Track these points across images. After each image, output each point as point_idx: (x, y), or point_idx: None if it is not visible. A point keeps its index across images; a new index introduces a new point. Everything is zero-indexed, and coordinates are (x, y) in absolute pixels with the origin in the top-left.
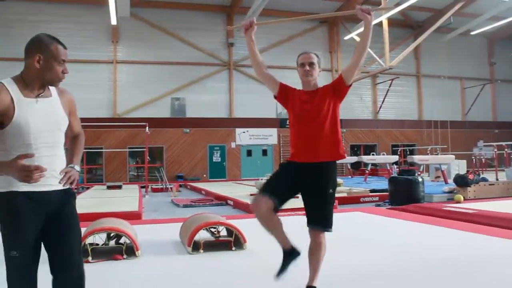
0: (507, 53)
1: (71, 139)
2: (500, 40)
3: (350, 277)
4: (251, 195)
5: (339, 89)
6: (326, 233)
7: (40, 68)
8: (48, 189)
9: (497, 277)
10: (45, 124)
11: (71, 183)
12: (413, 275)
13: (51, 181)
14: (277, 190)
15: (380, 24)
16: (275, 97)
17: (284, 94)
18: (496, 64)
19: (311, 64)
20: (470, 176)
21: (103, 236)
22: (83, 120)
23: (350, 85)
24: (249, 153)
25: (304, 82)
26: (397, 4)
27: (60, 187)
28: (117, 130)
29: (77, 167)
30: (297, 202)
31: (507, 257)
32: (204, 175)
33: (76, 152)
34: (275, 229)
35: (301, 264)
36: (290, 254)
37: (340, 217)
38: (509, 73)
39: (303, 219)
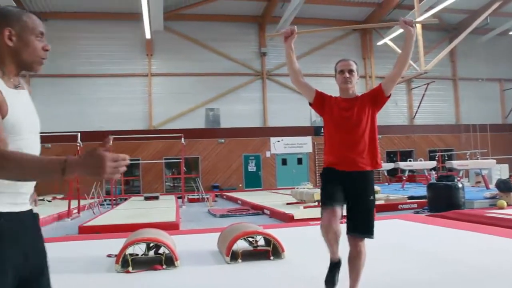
0: None
1: None
2: None
3: (391, 285)
4: (288, 204)
5: (378, 99)
6: (365, 241)
7: (14, 46)
8: (25, 208)
9: None
10: (32, 125)
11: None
12: (456, 283)
13: (27, 198)
14: (338, 198)
15: None
16: (311, 104)
17: (320, 101)
18: None
19: (351, 71)
20: None
21: (143, 246)
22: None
23: (390, 96)
24: (284, 161)
25: (342, 89)
26: (431, 8)
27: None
28: (153, 141)
29: None
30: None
31: None
32: (240, 185)
33: None
34: (335, 240)
35: (344, 272)
36: (335, 265)
37: (378, 225)
38: None
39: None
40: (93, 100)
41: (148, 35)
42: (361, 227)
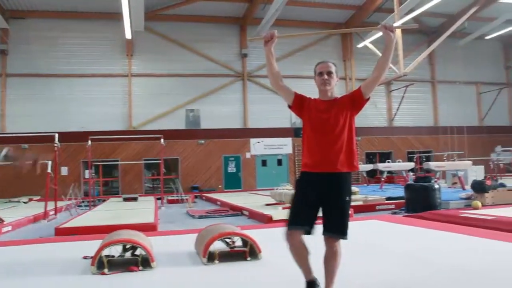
0: None
1: None
2: None
3: (367, 285)
4: (267, 205)
5: (357, 102)
6: (341, 241)
7: None
8: None
9: None
10: None
11: None
12: (431, 282)
13: None
14: (305, 218)
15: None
16: (290, 107)
17: (299, 103)
18: None
19: (329, 73)
20: (488, 182)
21: (119, 248)
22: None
23: (368, 99)
24: (264, 163)
25: (321, 91)
26: (411, 11)
27: None
28: (132, 142)
29: None
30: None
31: None
32: (220, 186)
33: None
34: (303, 260)
35: (319, 272)
36: (311, 285)
37: (356, 225)
38: None
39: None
40: (72, 100)
41: (128, 35)
42: (335, 228)
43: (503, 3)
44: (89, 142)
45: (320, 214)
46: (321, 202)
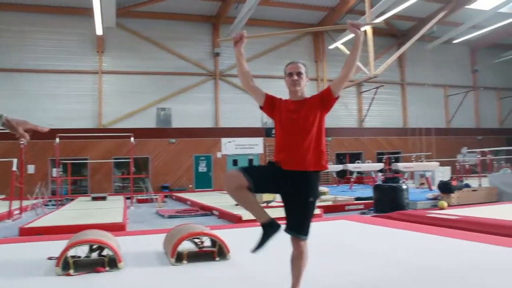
0: (489, 61)
1: None
2: (482, 48)
3: (335, 285)
4: (237, 205)
5: (326, 100)
6: (308, 241)
7: None
8: None
9: (481, 283)
10: None
11: None
12: (398, 282)
13: None
14: (256, 175)
15: (364, 33)
16: (261, 108)
17: (270, 104)
18: (478, 71)
19: (299, 74)
20: (454, 183)
21: (86, 248)
22: (68, 131)
23: (338, 97)
24: (235, 162)
25: (291, 91)
26: (382, 14)
27: None
28: (102, 141)
29: None
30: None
31: (490, 262)
32: (190, 186)
33: None
34: (248, 205)
35: (283, 272)
36: (268, 227)
37: (324, 226)
38: (491, 81)
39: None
40: (41, 97)
41: (99, 32)
42: (296, 227)
43: (470, 8)
44: (57, 139)
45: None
46: (284, 197)
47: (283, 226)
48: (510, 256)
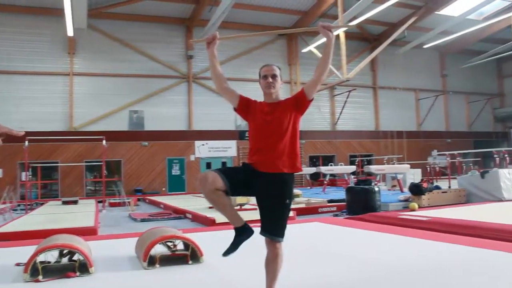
0: (458, 66)
1: None
2: (451, 53)
3: (309, 287)
4: (210, 207)
5: (300, 103)
6: (283, 244)
7: None
8: None
9: (451, 283)
10: None
11: None
12: (370, 283)
13: None
14: (231, 177)
15: (337, 37)
16: (235, 110)
17: (245, 106)
18: (447, 76)
19: (274, 76)
20: (424, 185)
21: (56, 253)
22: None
23: (312, 100)
24: (208, 165)
25: (266, 94)
26: (354, 18)
27: None
28: (73, 144)
29: None
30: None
31: (460, 262)
32: (163, 189)
33: None
34: (223, 208)
35: (258, 275)
36: (242, 231)
37: (298, 228)
38: (459, 85)
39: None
40: (8, 98)
41: (70, 33)
42: (271, 228)
43: (439, 14)
44: (26, 142)
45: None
46: (259, 199)
47: (256, 231)
48: (479, 256)
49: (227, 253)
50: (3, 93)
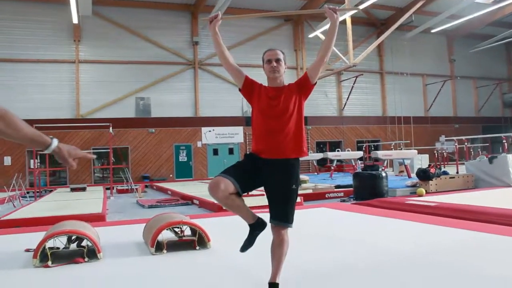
0: (466, 51)
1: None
2: (459, 38)
3: (314, 273)
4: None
5: (304, 86)
6: (289, 229)
7: None
8: None
9: (458, 267)
10: None
11: None
12: (377, 268)
13: None
14: (240, 176)
15: (343, 22)
16: (240, 90)
17: (249, 87)
18: (455, 61)
19: (278, 61)
20: (432, 170)
21: (64, 239)
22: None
23: (315, 83)
24: (215, 152)
25: (270, 78)
26: (360, 3)
27: None
28: (80, 131)
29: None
30: (264, 199)
31: (467, 248)
32: (170, 175)
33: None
34: (237, 209)
35: (264, 260)
36: (255, 227)
37: (305, 213)
38: (467, 70)
39: (267, 216)
40: (15, 87)
41: (75, 20)
42: (280, 215)
43: None
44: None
45: (266, 201)
46: (266, 186)
47: (269, 224)
48: (487, 241)
49: (244, 248)
50: (9, 81)
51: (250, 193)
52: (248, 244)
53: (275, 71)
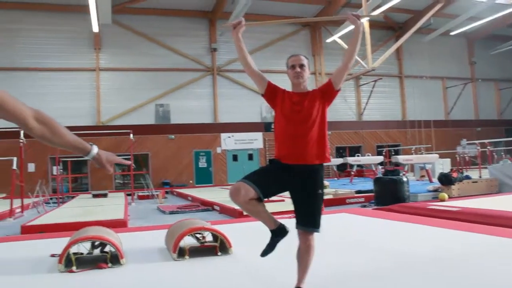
0: (486, 52)
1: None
2: (479, 39)
3: (338, 278)
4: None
5: (328, 93)
6: (314, 234)
7: None
8: None
9: (481, 273)
10: None
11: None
12: (400, 274)
13: None
14: (262, 181)
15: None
16: (263, 95)
17: (272, 93)
18: (476, 63)
19: (302, 66)
20: (454, 174)
21: (88, 245)
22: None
23: (339, 90)
24: (235, 157)
25: (294, 84)
26: (378, 6)
27: None
28: (101, 138)
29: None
30: (283, 205)
31: (490, 252)
32: (190, 181)
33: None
34: (258, 215)
35: (286, 265)
36: (277, 233)
37: (325, 219)
38: (488, 72)
39: (290, 222)
40: (38, 95)
41: (95, 29)
42: (307, 220)
43: (466, 0)
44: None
45: (291, 207)
46: (292, 192)
47: (292, 230)
48: (511, 247)
49: (265, 253)
50: (30, 90)
51: (271, 198)
52: (268, 249)
53: (299, 76)
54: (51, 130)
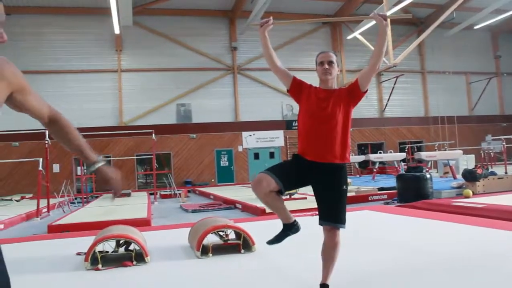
0: None
1: (52, 129)
2: (504, 33)
3: (362, 275)
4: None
5: (354, 93)
6: (340, 231)
7: None
8: None
9: (507, 271)
10: None
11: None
12: (424, 271)
13: None
14: (284, 176)
15: None
16: (288, 91)
17: (298, 88)
18: (501, 57)
19: (330, 63)
20: (479, 171)
21: (113, 243)
22: (89, 129)
23: (366, 91)
24: (256, 156)
25: (322, 80)
26: (399, 2)
27: None
28: (124, 138)
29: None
30: (305, 203)
31: None
32: (212, 180)
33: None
34: (276, 208)
35: (309, 262)
36: (289, 228)
37: (348, 216)
38: None
39: (314, 219)
40: (61, 97)
41: (117, 30)
42: (331, 216)
43: None
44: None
45: (314, 205)
46: (315, 188)
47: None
48: None
49: (271, 242)
50: (54, 92)
51: (293, 196)
52: (276, 240)
53: (327, 73)
54: (60, 132)
